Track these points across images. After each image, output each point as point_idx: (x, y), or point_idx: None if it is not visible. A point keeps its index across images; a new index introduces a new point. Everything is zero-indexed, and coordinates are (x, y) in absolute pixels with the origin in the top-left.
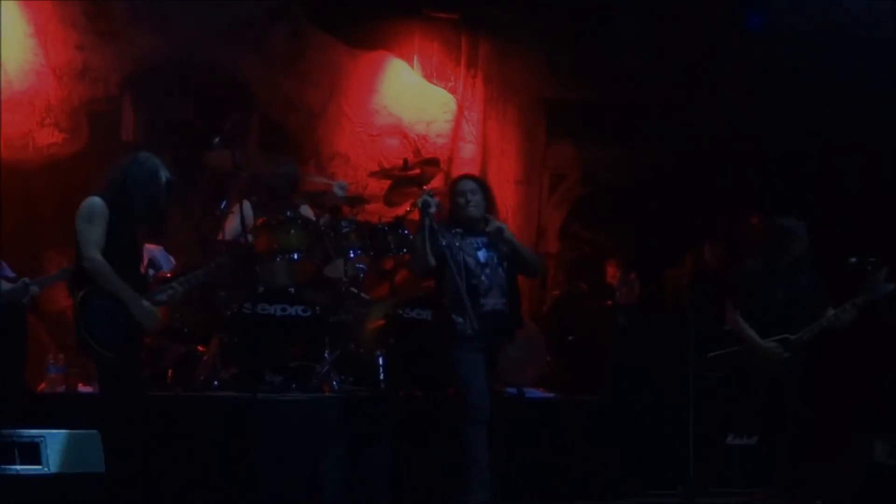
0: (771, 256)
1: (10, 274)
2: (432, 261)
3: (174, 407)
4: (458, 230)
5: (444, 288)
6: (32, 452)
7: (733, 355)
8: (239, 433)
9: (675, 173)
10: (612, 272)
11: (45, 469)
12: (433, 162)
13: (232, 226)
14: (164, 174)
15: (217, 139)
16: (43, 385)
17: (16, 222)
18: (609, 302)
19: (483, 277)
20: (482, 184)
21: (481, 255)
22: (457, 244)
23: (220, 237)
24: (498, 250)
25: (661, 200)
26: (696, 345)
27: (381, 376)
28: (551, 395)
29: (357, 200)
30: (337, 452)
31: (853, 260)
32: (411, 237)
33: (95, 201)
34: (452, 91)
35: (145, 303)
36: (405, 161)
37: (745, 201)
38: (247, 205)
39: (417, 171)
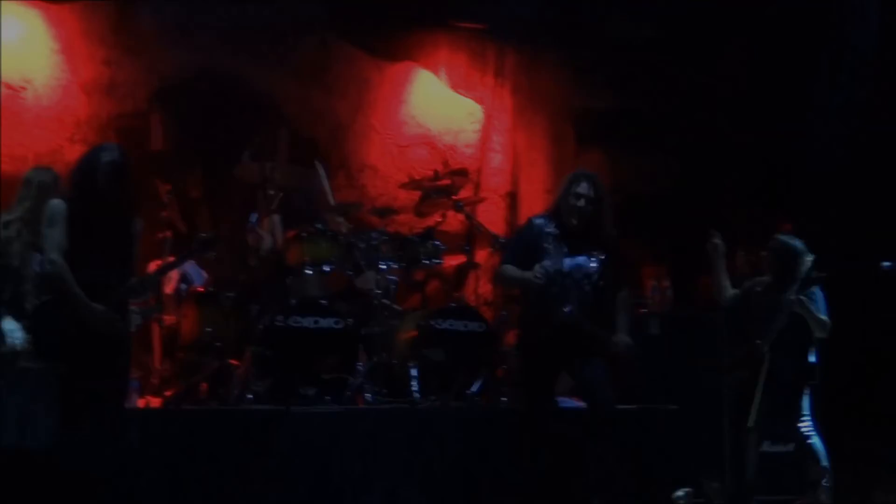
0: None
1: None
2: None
3: (208, 421)
4: (553, 230)
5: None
6: None
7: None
8: (273, 446)
9: (706, 180)
10: (644, 280)
11: None
12: (462, 172)
13: (262, 239)
14: (105, 156)
15: (246, 153)
16: None
17: None
18: (641, 310)
19: (561, 286)
20: (599, 184)
21: (568, 262)
22: (547, 245)
23: (250, 250)
24: (597, 261)
25: (693, 208)
26: (729, 352)
27: (415, 387)
28: (583, 404)
29: (387, 212)
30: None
31: (887, 265)
32: (441, 247)
33: (54, 203)
34: (480, 101)
35: (99, 308)
36: (435, 172)
37: (777, 208)
38: (276, 218)
39: (447, 181)
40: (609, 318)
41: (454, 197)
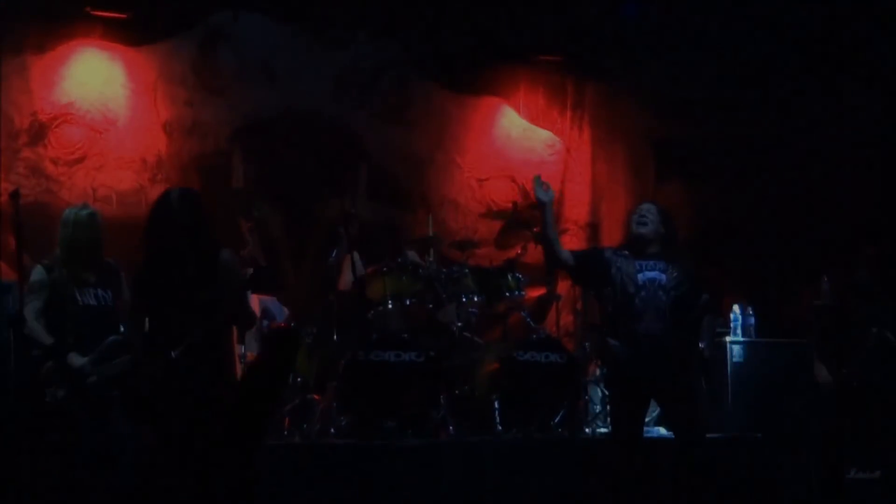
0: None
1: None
2: (563, 254)
3: (291, 455)
4: (625, 252)
5: (603, 310)
6: None
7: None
8: (356, 481)
9: (788, 206)
10: (726, 308)
11: None
12: None
13: (344, 276)
14: (174, 193)
15: (327, 190)
16: None
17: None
18: (725, 337)
19: (637, 301)
20: (660, 208)
21: (640, 277)
22: (618, 265)
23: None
24: (671, 275)
25: (775, 235)
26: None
27: (498, 419)
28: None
29: (467, 244)
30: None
31: None
32: (522, 279)
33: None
34: (559, 133)
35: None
36: (514, 203)
37: (861, 233)
38: (356, 254)
39: (526, 213)
40: (695, 342)
41: (535, 229)
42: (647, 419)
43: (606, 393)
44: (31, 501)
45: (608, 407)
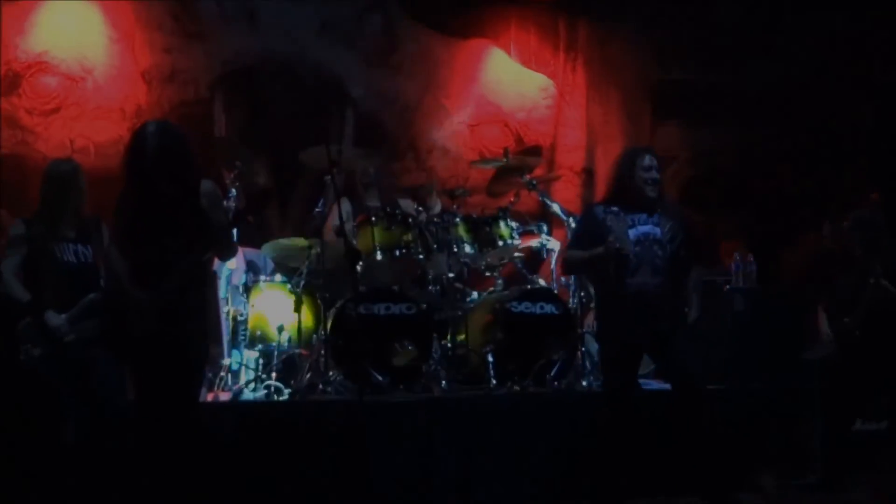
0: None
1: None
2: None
3: (280, 413)
4: (614, 209)
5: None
6: None
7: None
8: (347, 437)
9: (788, 151)
10: (726, 256)
11: None
12: (535, 150)
13: (332, 226)
14: (150, 127)
15: (312, 137)
16: None
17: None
18: (725, 286)
19: (631, 257)
20: (657, 156)
21: (633, 233)
22: (608, 224)
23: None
24: (664, 228)
25: (776, 179)
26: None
27: (492, 373)
28: (667, 385)
29: (459, 193)
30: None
31: None
32: (515, 228)
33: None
34: (552, 76)
35: (143, 298)
36: (506, 150)
37: (864, 176)
38: (346, 203)
39: (519, 159)
40: (686, 294)
41: (528, 175)
42: (644, 371)
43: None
44: (6, 464)
45: (602, 359)
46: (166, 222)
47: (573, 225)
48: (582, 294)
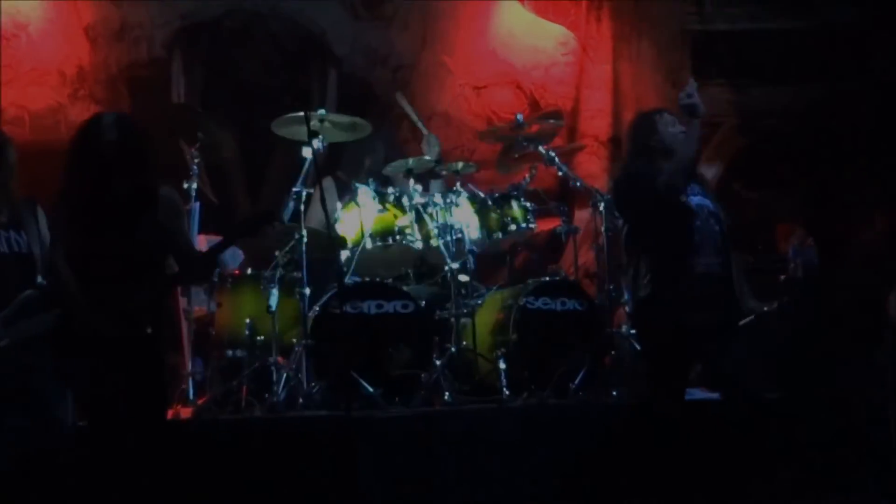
0: None
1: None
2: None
3: (252, 432)
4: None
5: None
6: None
7: None
8: (334, 459)
9: (858, 114)
10: (784, 240)
11: None
12: (554, 115)
13: (313, 209)
14: (106, 121)
15: (288, 102)
16: None
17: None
18: (782, 276)
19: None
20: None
21: (693, 199)
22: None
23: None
24: (714, 200)
25: (842, 148)
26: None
27: (504, 382)
28: (715, 394)
29: (463, 168)
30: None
31: None
32: (531, 208)
33: None
34: (573, 28)
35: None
36: (518, 116)
37: None
38: (329, 182)
39: (535, 127)
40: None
41: (545, 146)
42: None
43: (638, 347)
44: None
45: (642, 364)
46: (120, 234)
47: (601, 205)
48: (611, 287)
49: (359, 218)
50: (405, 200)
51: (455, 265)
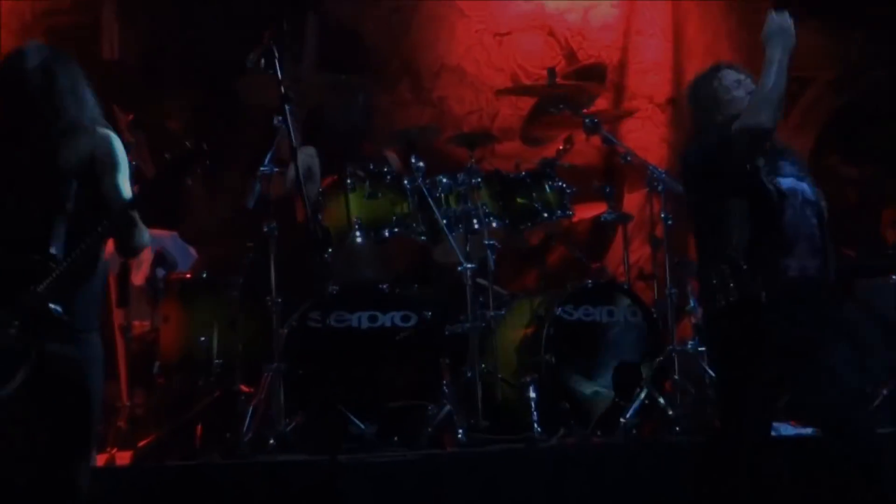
0: None
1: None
2: None
3: (209, 481)
4: None
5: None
6: None
7: None
8: None
9: None
10: (891, 228)
11: None
12: (596, 70)
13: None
14: (32, 61)
15: (252, 56)
16: None
17: None
18: (892, 273)
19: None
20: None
21: (784, 182)
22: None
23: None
24: (811, 184)
25: None
26: None
27: (535, 416)
28: (808, 429)
29: (481, 138)
30: None
31: None
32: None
33: None
34: None
35: None
36: (551, 71)
37: None
38: (309, 151)
39: (572, 85)
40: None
41: (585, 110)
42: None
43: (712, 373)
44: None
45: (714, 391)
46: (39, 184)
47: (658, 186)
48: (673, 291)
49: (346, 203)
50: (405, 182)
51: (470, 265)
